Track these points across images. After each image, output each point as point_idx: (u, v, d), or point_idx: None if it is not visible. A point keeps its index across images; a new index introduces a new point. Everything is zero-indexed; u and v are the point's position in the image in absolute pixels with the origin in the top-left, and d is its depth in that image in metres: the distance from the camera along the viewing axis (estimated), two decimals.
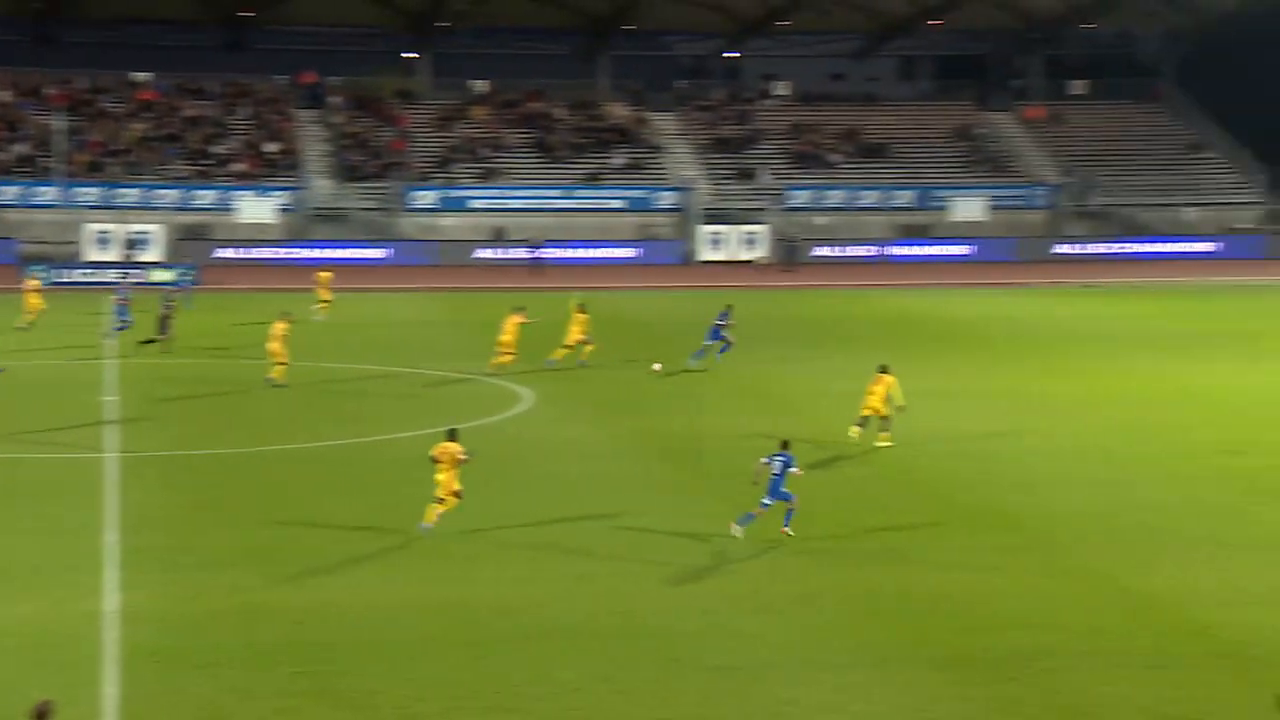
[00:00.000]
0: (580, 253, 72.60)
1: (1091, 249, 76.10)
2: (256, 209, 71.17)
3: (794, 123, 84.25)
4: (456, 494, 22.54)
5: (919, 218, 78.56)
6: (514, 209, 75.58)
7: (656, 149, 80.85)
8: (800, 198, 78.36)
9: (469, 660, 17.64)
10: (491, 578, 20.88)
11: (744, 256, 73.26)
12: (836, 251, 74.86)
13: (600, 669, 17.40)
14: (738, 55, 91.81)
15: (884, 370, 29.77)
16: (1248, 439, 30.15)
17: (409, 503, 23.66)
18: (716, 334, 38.83)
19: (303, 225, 73.04)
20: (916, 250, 75.54)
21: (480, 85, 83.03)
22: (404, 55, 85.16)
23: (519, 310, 38.45)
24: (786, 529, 22.48)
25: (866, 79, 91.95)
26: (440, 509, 22.51)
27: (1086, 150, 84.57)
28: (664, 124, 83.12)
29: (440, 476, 22.50)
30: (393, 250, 71.63)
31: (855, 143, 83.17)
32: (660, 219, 76.37)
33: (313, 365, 37.83)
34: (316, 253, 70.10)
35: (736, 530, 22.44)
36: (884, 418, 29.28)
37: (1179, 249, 75.99)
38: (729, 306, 39.79)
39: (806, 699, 16.61)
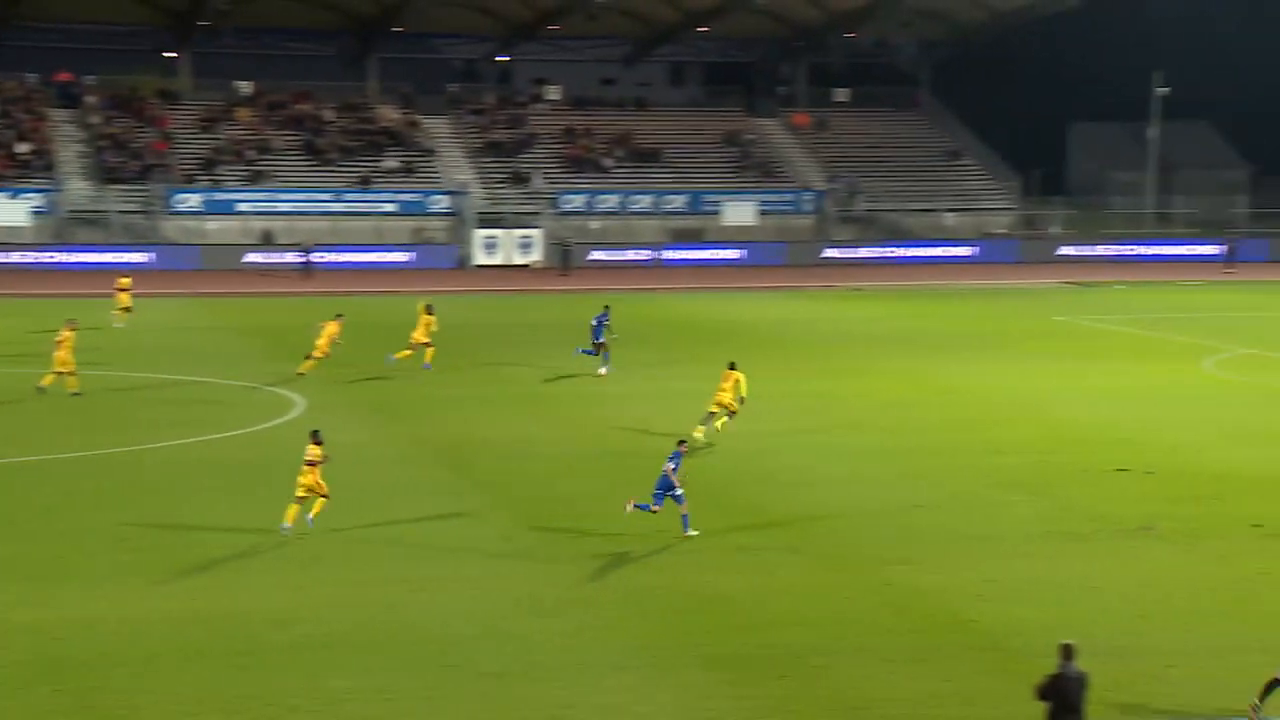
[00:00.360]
0: (353, 257, 71.59)
1: (858, 253, 78.07)
2: (8, 212, 68.47)
3: (566, 127, 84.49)
4: (324, 494, 22.84)
5: (691, 222, 79.54)
6: (283, 212, 74.10)
7: (429, 152, 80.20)
8: (574, 202, 78.60)
9: (238, 672, 17.20)
10: (264, 587, 20.41)
11: (519, 261, 73.16)
12: (611, 255, 75.29)
13: (374, 677, 17.14)
14: (508, 59, 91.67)
15: (732, 367, 30.93)
16: (1007, 437, 31.24)
17: (175, 513, 22.91)
18: (599, 334, 38.78)
19: (59, 228, 70.44)
20: (689, 254, 76.44)
21: (245, 86, 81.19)
22: (165, 55, 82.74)
23: (338, 317, 38.33)
24: (687, 531, 23.03)
25: (637, 84, 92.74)
26: (314, 510, 22.77)
27: (851, 156, 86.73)
28: (436, 127, 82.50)
29: (303, 478, 22.71)
30: (155, 254, 69.54)
31: (627, 147, 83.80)
32: (434, 223, 75.76)
33: (97, 373, 36.47)
34: (74, 256, 67.85)
35: (629, 509, 22.96)
36: (732, 412, 30.41)
37: (940, 253, 78.47)
38: (606, 307, 39.92)
39: (583, 702, 16.62)
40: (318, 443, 23.02)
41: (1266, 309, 56.13)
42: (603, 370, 38.56)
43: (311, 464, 22.79)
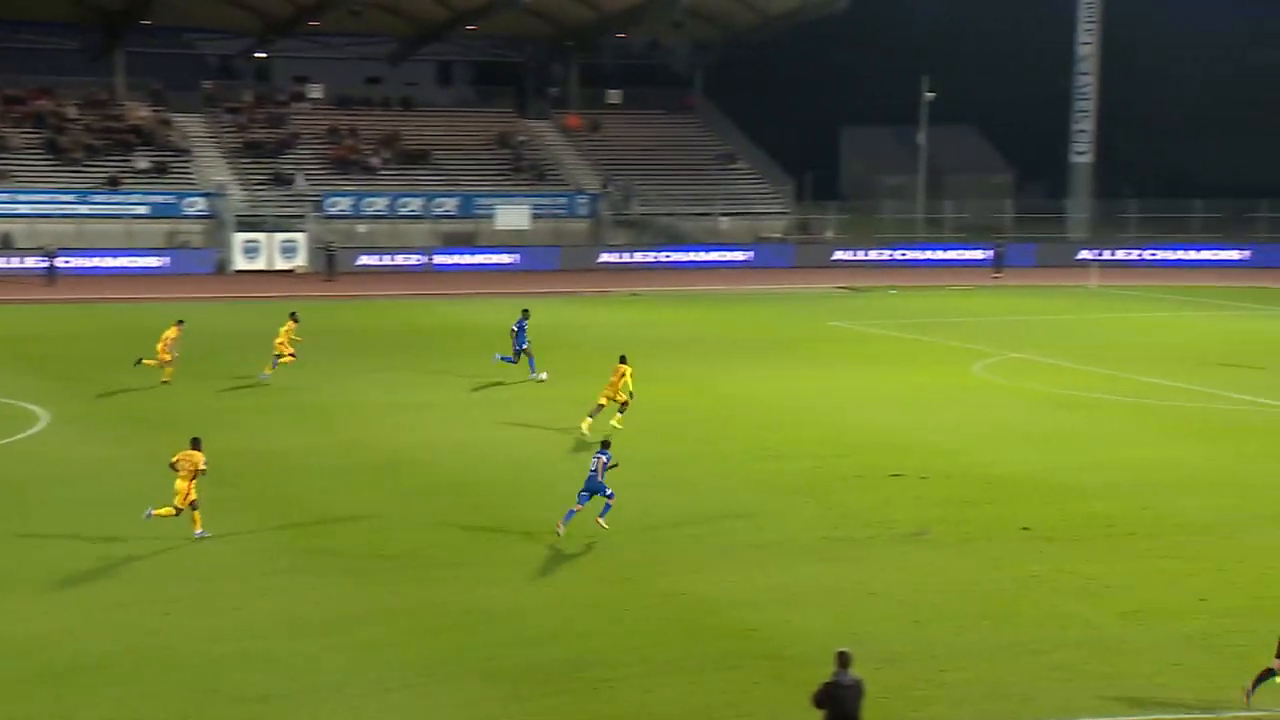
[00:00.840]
0: (101, 261, 69.39)
1: (633, 257, 78.74)
2: None
3: (330, 127, 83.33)
4: (192, 504, 22.95)
5: (463, 226, 79.20)
6: (23, 214, 71.39)
7: (183, 152, 78.18)
8: (340, 204, 77.53)
9: None
10: (6, 612, 19.63)
11: (282, 266, 71.85)
12: (380, 260, 74.50)
13: (130, 706, 16.65)
14: (266, 56, 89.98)
15: (623, 360, 32.90)
16: (783, 442, 31.86)
17: None
18: (521, 341, 38.98)
19: None
20: (462, 259, 76.11)
21: None
22: None
23: (179, 323, 38.16)
24: (601, 520, 23.97)
25: (404, 83, 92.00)
26: (169, 513, 23.05)
27: (625, 159, 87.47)
28: (190, 126, 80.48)
29: (179, 484, 22.89)
30: None
31: (395, 148, 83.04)
32: (190, 226, 73.88)
33: None
34: None
35: (560, 529, 23.71)
36: (623, 404, 32.39)
37: (715, 257, 79.62)
38: (525, 311, 40.10)
39: None
40: (198, 449, 23.30)
41: (1033, 313, 58.37)
42: (543, 376, 38.78)
43: (192, 470, 23.00)
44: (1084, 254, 78.51)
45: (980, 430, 33.36)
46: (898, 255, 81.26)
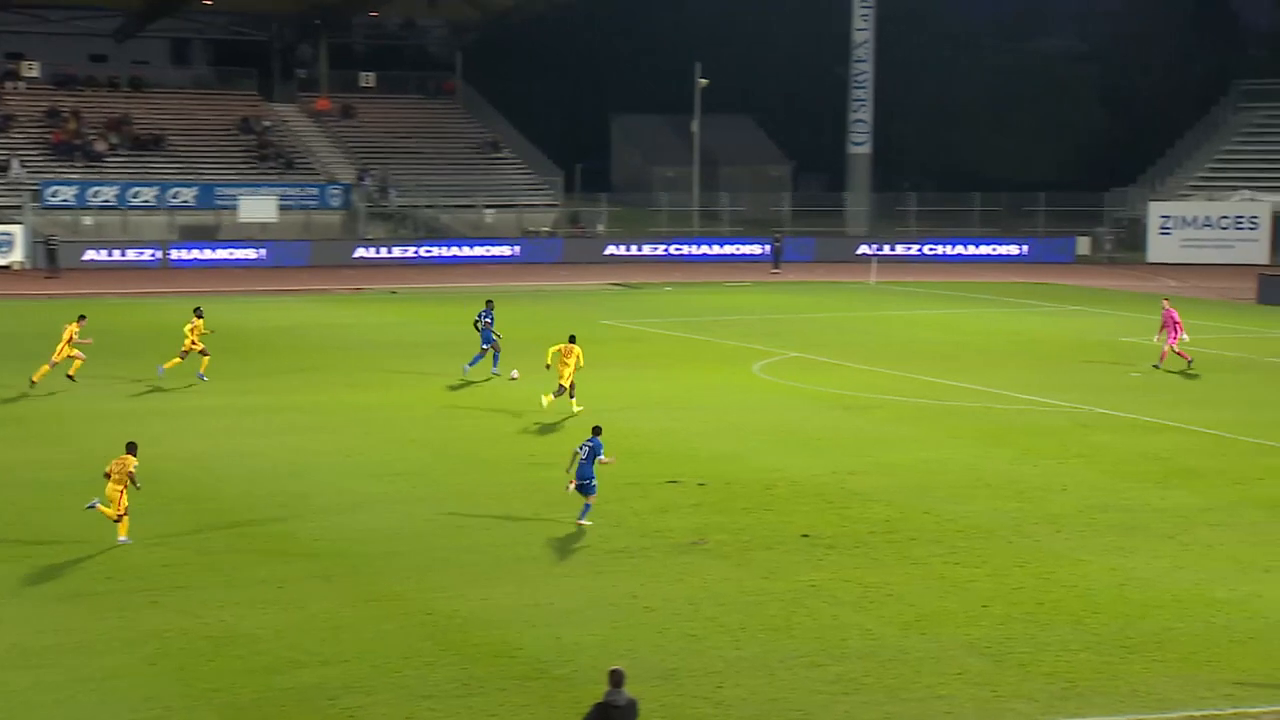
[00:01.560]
0: None
1: (392, 252, 77.99)
2: None
3: (49, 109, 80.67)
4: (120, 515, 23.69)
5: (203, 218, 77.45)
6: None
7: None
8: (62, 194, 75.12)
9: None
10: None
11: None
12: (109, 255, 72.38)
13: None
14: None
15: (572, 340, 35.42)
16: (552, 449, 31.87)
17: None
18: (488, 335, 40.09)
19: None
20: (201, 254, 74.42)
21: None
22: None
23: (80, 319, 38.38)
24: (583, 521, 25.32)
25: (133, 62, 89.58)
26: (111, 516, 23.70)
27: (381, 147, 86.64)
28: None
29: (110, 490, 23.58)
30: None
31: (124, 133, 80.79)
32: None
33: None
34: None
35: (584, 522, 25.41)
36: (563, 388, 34.76)
37: (480, 253, 79.38)
38: (489, 302, 41.15)
39: None
40: (133, 454, 23.94)
41: (812, 310, 59.53)
42: (514, 374, 39.63)
43: (124, 475, 23.67)
44: (863, 249, 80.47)
45: (760, 433, 33.85)
46: (673, 250, 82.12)
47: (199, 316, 39.60)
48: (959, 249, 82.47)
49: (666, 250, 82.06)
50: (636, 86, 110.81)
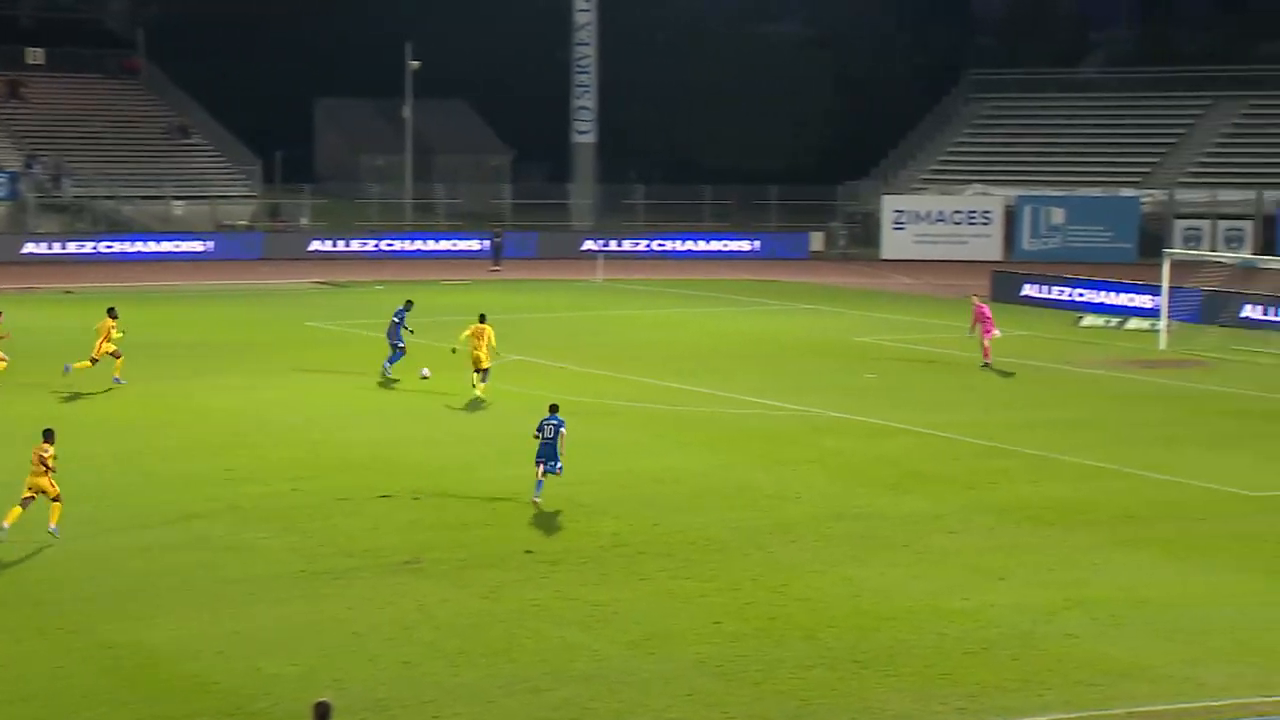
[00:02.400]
0: None
1: (67, 248, 75.71)
2: None
3: None
4: (57, 497, 24.96)
5: None
6: None
7: None
8: None
9: None
10: None
11: None
12: None
13: None
14: None
15: (483, 320, 37.59)
16: (253, 463, 31.41)
17: None
18: (398, 334, 41.38)
19: None
20: None
21: None
22: None
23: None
24: (539, 495, 27.76)
25: None
26: (54, 517, 24.81)
27: (53, 131, 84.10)
28: None
29: (35, 479, 24.69)
30: None
31: None
32: None
33: None
34: None
35: (537, 499, 27.76)
36: (484, 369, 37.39)
37: (169, 248, 77.61)
38: (408, 302, 42.57)
39: None
40: (50, 442, 24.93)
41: (535, 310, 59.80)
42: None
43: (46, 465, 24.71)
44: (589, 244, 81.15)
45: (480, 443, 33.92)
46: (384, 246, 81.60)
47: (112, 317, 39.58)
48: (689, 245, 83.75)
49: (377, 246, 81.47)
50: (342, 67, 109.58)
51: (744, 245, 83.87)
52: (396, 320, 42.23)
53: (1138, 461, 32.58)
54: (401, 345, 41.90)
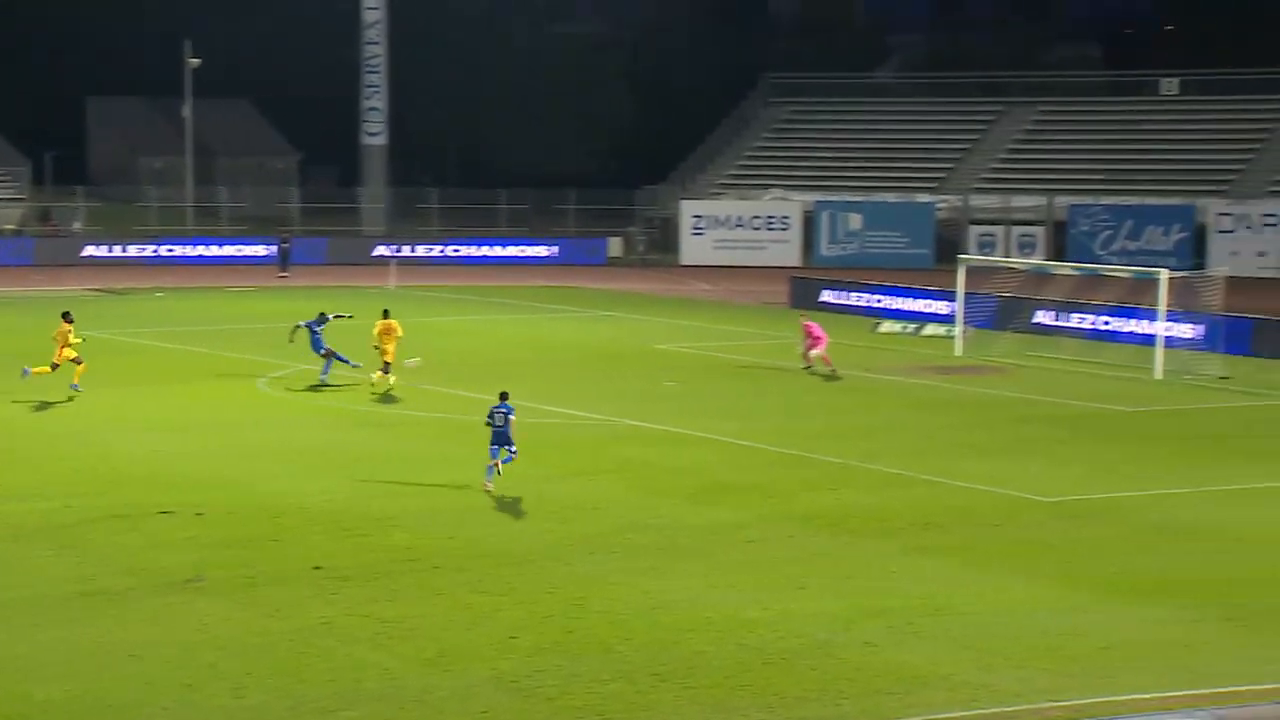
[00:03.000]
0: None
1: None
2: None
3: None
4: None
5: None
6: None
7: None
8: None
9: None
10: None
11: None
12: None
13: None
14: None
15: (386, 315, 40.21)
16: (24, 480, 30.78)
17: None
18: (318, 343, 41.93)
19: None
20: None
21: None
22: None
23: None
24: (491, 481, 30.03)
25: None
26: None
27: None
28: None
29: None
30: None
31: None
32: None
33: None
34: None
35: (489, 485, 29.96)
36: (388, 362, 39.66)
37: None
38: (322, 313, 42.94)
39: None
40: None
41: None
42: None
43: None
44: (381, 249, 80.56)
45: (267, 455, 33.52)
46: (164, 251, 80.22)
47: (68, 321, 39.80)
48: (485, 250, 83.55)
49: (156, 251, 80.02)
50: (116, 64, 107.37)
51: (541, 251, 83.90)
52: (315, 331, 42.42)
53: (936, 468, 33.24)
54: (323, 352, 42.16)
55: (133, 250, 79.65)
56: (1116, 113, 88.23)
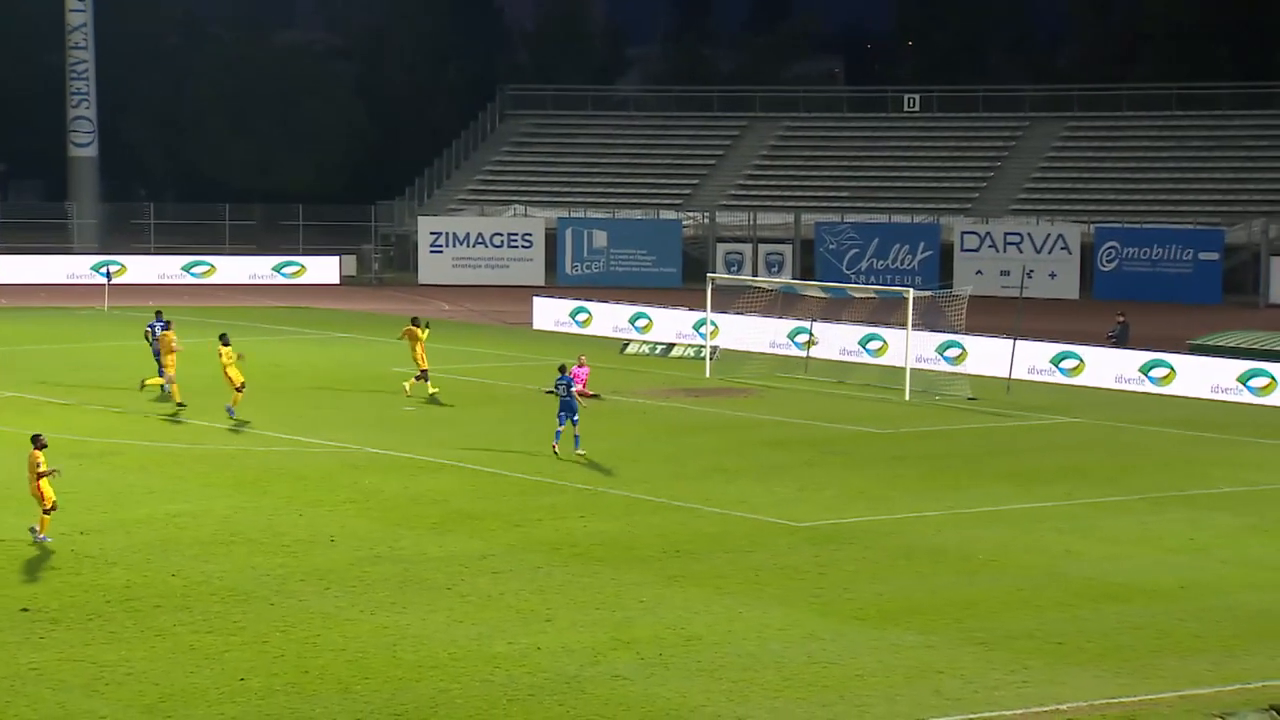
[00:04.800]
0: None
1: None
2: None
3: None
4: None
5: None
6: None
7: None
8: None
9: None
10: None
11: None
12: None
13: None
14: None
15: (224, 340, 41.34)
16: None
17: None
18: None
19: None
20: None
21: None
22: None
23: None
24: (580, 451, 36.00)
25: None
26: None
27: None
28: None
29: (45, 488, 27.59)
30: None
31: None
32: None
33: None
34: None
35: (583, 454, 36.19)
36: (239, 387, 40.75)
37: None
38: (160, 312, 45.63)
39: None
40: (41, 447, 27.93)
41: (34, 341, 57.66)
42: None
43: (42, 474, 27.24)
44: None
45: None
46: None
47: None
48: (207, 269, 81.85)
49: None
50: None
51: (268, 269, 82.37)
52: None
53: (687, 494, 33.50)
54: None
55: None
56: (860, 129, 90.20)
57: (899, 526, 31.38)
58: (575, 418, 36.50)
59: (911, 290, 50.50)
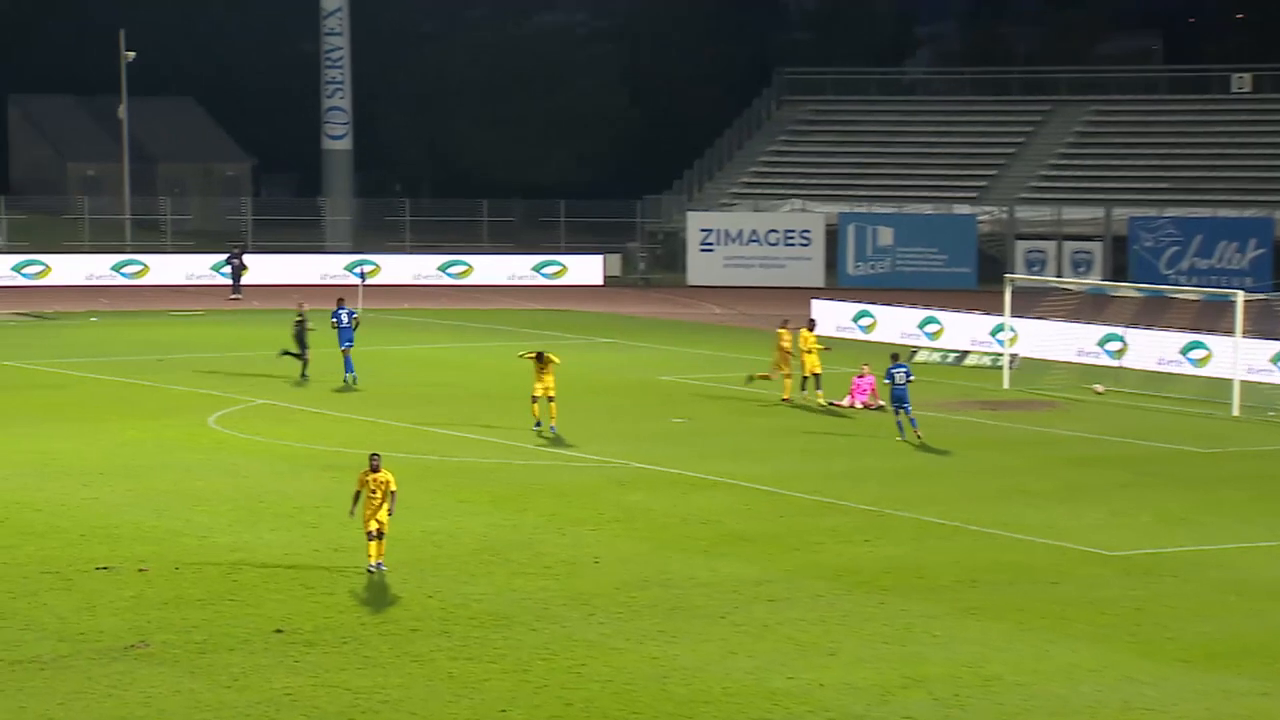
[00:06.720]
0: None
1: None
2: None
3: None
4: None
5: None
6: None
7: None
8: None
9: None
10: None
11: None
12: None
13: None
14: None
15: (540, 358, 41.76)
16: None
17: None
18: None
19: None
20: None
21: None
22: None
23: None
24: (918, 433, 40.66)
25: None
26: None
27: None
28: None
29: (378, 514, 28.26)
30: None
31: None
32: None
33: None
34: None
35: (920, 435, 40.26)
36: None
37: None
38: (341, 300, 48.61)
39: None
40: (376, 469, 28.52)
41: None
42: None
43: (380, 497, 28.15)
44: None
45: (219, 503, 33.42)
46: (98, 270, 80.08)
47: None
48: (465, 269, 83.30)
49: (92, 270, 79.90)
50: (42, 59, 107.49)
51: (529, 269, 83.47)
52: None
53: (982, 517, 33.15)
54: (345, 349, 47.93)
55: (63, 269, 79.48)
56: (1181, 112, 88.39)
57: (1225, 558, 30.67)
58: (907, 406, 40.73)
59: (1242, 292, 49.30)
